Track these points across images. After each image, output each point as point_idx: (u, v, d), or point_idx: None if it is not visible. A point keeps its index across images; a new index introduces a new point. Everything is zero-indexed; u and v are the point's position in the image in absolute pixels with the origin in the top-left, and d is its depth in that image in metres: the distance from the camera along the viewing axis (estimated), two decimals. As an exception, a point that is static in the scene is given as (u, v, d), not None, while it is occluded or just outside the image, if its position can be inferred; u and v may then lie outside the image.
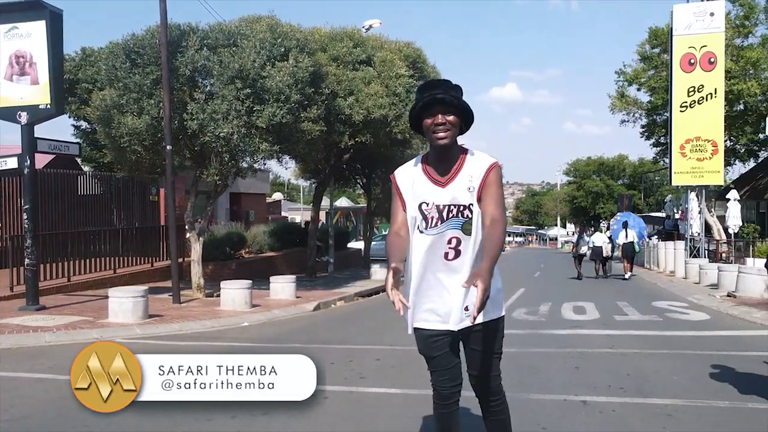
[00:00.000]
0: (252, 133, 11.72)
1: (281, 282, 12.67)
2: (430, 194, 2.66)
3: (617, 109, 27.67)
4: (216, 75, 11.56)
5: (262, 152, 12.02)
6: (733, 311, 9.97)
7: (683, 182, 20.80)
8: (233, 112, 11.39)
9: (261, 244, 19.50)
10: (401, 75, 15.58)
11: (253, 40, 12.03)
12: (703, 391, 5.19)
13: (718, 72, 20.04)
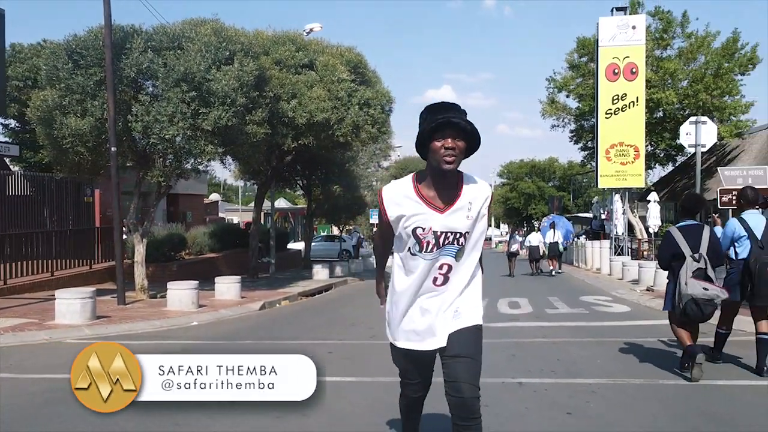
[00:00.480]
0: (197, 135, 11.88)
1: (226, 282, 12.87)
2: (427, 219, 2.59)
3: (548, 114, 29.02)
4: (161, 77, 11.65)
5: (207, 154, 12.21)
6: (650, 303, 10.92)
7: (608, 185, 22.11)
8: (179, 114, 11.51)
9: (201, 245, 19.50)
10: (343, 79, 16.00)
11: (198, 44, 12.19)
12: (622, 371, 5.87)
13: (639, 82, 21.44)
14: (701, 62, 24.97)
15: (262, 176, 19.37)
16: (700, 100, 23.94)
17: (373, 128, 16.74)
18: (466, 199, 2.60)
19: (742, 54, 24.53)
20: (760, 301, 5.49)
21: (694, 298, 5.23)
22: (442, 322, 2.67)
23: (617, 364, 6.22)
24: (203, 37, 12.45)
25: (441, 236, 2.60)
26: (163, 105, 11.52)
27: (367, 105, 16.46)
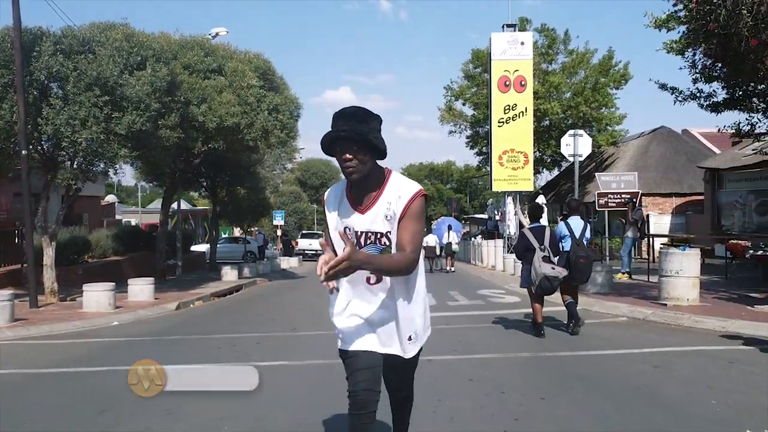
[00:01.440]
0: (110, 139, 12.06)
1: (140, 284, 13.10)
2: (351, 219, 2.63)
3: (446, 121, 30.71)
4: (72, 81, 11.72)
5: (120, 158, 12.43)
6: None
7: (501, 188, 23.90)
8: (91, 118, 11.66)
9: (105, 248, 19.26)
10: (252, 85, 16.48)
11: (109, 48, 12.36)
12: (512, 348, 6.99)
13: (528, 94, 23.36)
14: (581, 77, 27.45)
15: (168, 178, 19.44)
16: (581, 111, 26.35)
17: (282, 133, 17.36)
18: (386, 199, 2.57)
19: (617, 70, 27.24)
20: (573, 281, 7.83)
21: (546, 276, 7.37)
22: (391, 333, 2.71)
23: (509, 343, 7.35)
24: (114, 42, 12.63)
25: (362, 236, 2.61)
26: (75, 109, 11.61)
27: (276, 110, 17.05)
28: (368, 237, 2.62)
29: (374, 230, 2.61)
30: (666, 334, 7.66)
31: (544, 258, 7.49)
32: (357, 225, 2.63)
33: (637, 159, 25.85)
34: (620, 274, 13.96)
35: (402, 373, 2.91)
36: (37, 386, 5.71)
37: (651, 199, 23.85)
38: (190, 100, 15.09)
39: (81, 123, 11.61)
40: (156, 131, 12.93)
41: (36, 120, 11.63)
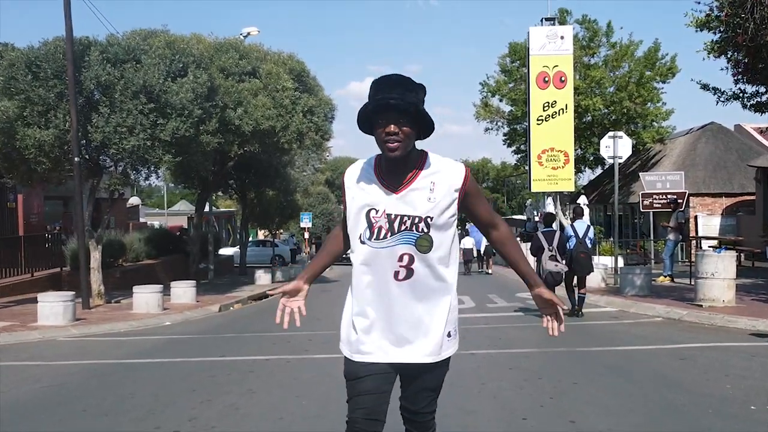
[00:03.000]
0: (155, 145, 13.43)
1: (182, 287, 14.50)
2: (381, 200, 2.41)
3: (482, 117, 31.76)
4: (119, 90, 13.12)
5: (165, 163, 13.80)
6: (576, 297, 13.47)
7: (541, 189, 24.84)
8: (138, 125, 13.05)
9: (138, 251, 20.76)
10: (287, 88, 17.84)
11: (152, 56, 13.76)
12: (550, 344, 8.10)
13: (568, 90, 24.25)
14: (625, 70, 28.28)
15: (200, 181, 20.91)
16: (624, 107, 27.19)
17: (317, 135, 18.69)
18: (428, 178, 2.41)
19: (663, 63, 28.01)
20: (577, 272, 10.71)
21: (550, 272, 10.26)
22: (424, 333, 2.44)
23: (546, 340, 8.45)
24: (157, 50, 14.03)
25: (395, 220, 2.38)
26: (122, 116, 13.01)
27: (311, 113, 18.38)
28: (403, 222, 2.38)
29: (411, 213, 2.38)
30: (698, 332, 8.69)
31: (551, 257, 10.28)
32: (390, 206, 2.40)
33: (684, 157, 26.58)
34: (662, 278, 14.90)
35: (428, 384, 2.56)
36: (126, 373, 7.01)
37: (699, 200, 24.58)
38: (227, 104, 16.45)
39: (128, 130, 13.02)
40: (197, 137, 14.29)
41: (86, 128, 13.06)
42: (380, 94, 2.37)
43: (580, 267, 10.71)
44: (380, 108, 2.35)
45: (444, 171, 2.45)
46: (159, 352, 8.35)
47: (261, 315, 12.96)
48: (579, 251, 10.65)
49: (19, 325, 10.35)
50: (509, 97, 30.19)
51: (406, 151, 2.38)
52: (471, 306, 12.67)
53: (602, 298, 12.55)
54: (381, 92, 2.37)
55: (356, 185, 2.49)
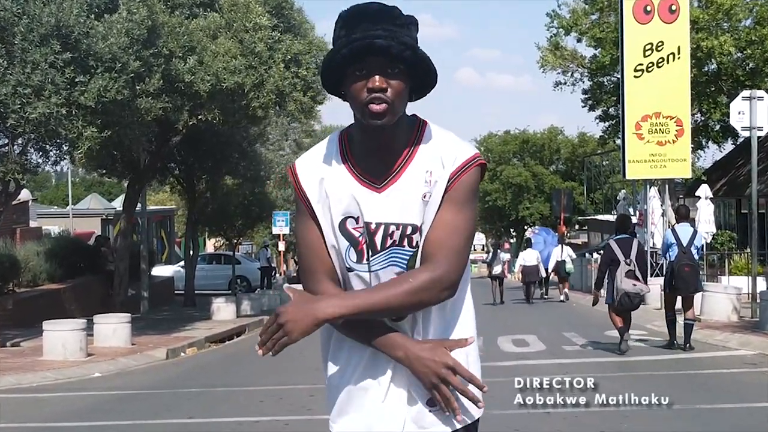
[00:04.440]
0: (73, 113, 14.14)
1: (110, 323, 15.27)
2: (359, 204, 2.42)
3: (550, 65, 32.43)
4: (21, 33, 13.84)
5: (86, 140, 14.49)
6: (695, 335, 14.05)
7: (640, 174, 25.45)
8: (49, 85, 13.76)
9: (36, 271, 21.52)
10: (262, 26, 18.49)
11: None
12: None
13: (682, 23, 24.84)
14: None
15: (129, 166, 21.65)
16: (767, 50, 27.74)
17: (305, 96, 19.41)
18: (422, 166, 2.42)
19: (827, -16, 28.56)
20: (679, 291, 11.87)
21: (626, 292, 11.26)
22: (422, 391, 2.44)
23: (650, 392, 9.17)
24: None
25: (378, 231, 2.42)
26: (26, 71, 13.73)
27: (296, 62, 19.10)
28: (389, 234, 2.41)
29: (402, 221, 2.41)
30: None
31: (628, 272, 11.42)
32: (370, 213, 2.41)
33: None
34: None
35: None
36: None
37: None
38: (174, 51, 17.09)
39: (34, 92, 13.72)
40: (133, 101, 15.00)
41: (-29, 88, 13.80)
42: (357, 31, 2.32)
43: (685, 284, 11.83)
44: (359, 52, 2.29)
45: (447, 153, 2.44)
46: (100, 414, 9.06)
47: (231, 363, 13.71)
48: (683, 263, 11.75)
49: None
50: (592, 35, 30.76)
51: (395, 118, 2.35)
52: (541, 349, 13.37)
53: (734, 337, 13.24)
54: (357, 29, 2.33)
55: (318, 183, 2.47)
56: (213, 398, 10.00)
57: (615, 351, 12.09)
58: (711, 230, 24.85)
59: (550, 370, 11.21)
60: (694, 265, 12.02)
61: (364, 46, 2.27)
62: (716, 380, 10.00)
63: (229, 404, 9.43)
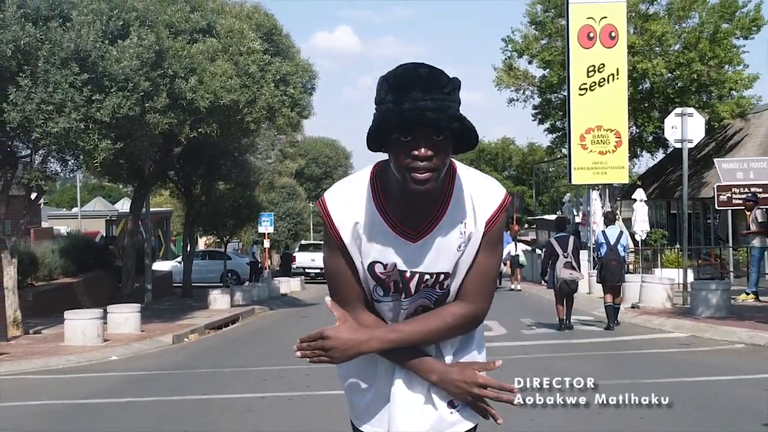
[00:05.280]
0: (90, 127, 14.27)
1: (123, 313, 15.40)
2: (392, 251, 2.34)
3: (505, 84, 32.83)
4: (44, 56, 13.95)
5: (102, 151, 14.61)
6: (635, 320, 14.52)
7: (584, 180, 25.88)
8: (69, 103, 13.88)
9: (51, 267, 21.57)
10: (254, 50, 18.73)
11: (85, 12, 14.61)
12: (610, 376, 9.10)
13: (620, 49, 25.32)
14: (695, 23, 29.44)
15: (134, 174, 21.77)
16: (694, 72, 28.33)
17: (293, 111, 19.63)
18: (457, 216, 2.31)
19: (744, 13, 29.15)
20: (609, 281, 13.54)
21: (564, 280, 13.01)
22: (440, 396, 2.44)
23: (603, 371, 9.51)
24: (90, 4, 14.87)
25: (412, 279, 2.36)
26: (49, 91, 13.83)
27: (284, 82, 19.33)
28: (423, 281, 2.35)
29: (436, 271, 2.34)
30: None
31: (566, 264, 13.04)
32: (405, 260, 2.33)
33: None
34: (744, 295, 15.99)
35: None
36: (95, 415, 7.94)
37: (793, 194, 25.74)
38: (177, 72, 17.28)
39: (56, 109, 13.84)
40: (143, 116, 15.15)
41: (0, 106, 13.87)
42: (405, 98, 2.14)
43: (612, 275, 13.49)
44: (409, 123, 2.13)
45: (480, 198, 2.32)
46: (123, 392, 9.26)
47: (232, 347, 13.91)
48: (610, 258, 13.50)
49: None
50: (541, 57, 31.22)
51: (438, 182, 2.21)
52: (502, 333, 13.67)
53: (669, 321, 13.62)
54: (407, 98, 2.14)
55: (352, 226, 2.33)
56: (222, 377, 10.22)
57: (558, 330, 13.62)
58: (645, 228, 25.34)
59: (513, 351, 11.51)
60: (619, 260, 13.62)
61: (414, 118, 2.11)
62: (656, 358, 10.39)
63: (237, 382, 9.65)
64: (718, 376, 8.88)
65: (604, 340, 12.45)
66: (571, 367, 9.89)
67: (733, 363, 9.82)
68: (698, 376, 8.96)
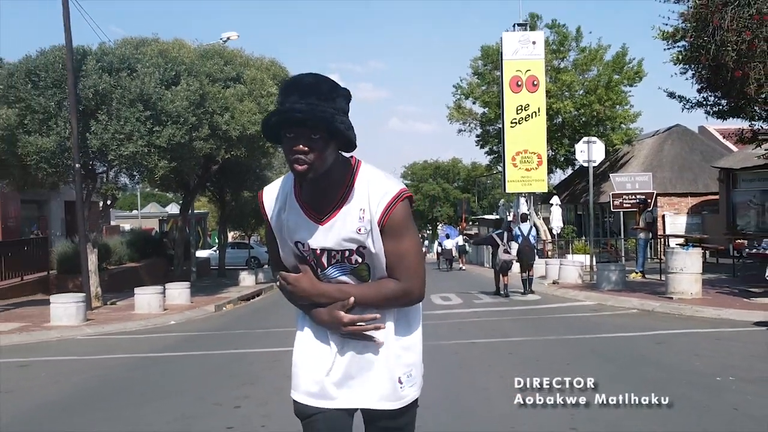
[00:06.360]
0: (152, 151, 14.17)
1: (177, 288, 15.27)
2: (305, 231, 2.19)
3: (455, 119, 32.96)
4: (117, 98, 13.83)
5: (160, 169, 14.51)
6: (556, 293, 14.61)
7: (515, 189, 26.11)
8: (136, 133, 13.77)
9: (121, 254, 21.38)
10: (272, 93, 18.63)
11: (147, 65, 14.50)
12: (540, 333, 9.18)
13: (540, 93, 25.58)
14: (594, 74, 29.73)
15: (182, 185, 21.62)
16: (594, 110, 28.61)
17: (301, 139, 19.51)
18: (358, 204, 2.14)
19: (630, 68, 29.51)
20: (524, 261, 14.84)
21: (504, 261, 14.37)
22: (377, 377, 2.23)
23: (536, 329, 9.56)
24: (150, 59, 14.77)
25: (322, 255, 2.20)
26: (120, 124, 13.72)
27: (295, 117, 19.20)
28: (332, 256, 2.20)
29: (340, 248, 2.18)
30: (670, 321, 9.86)
31: (504, 251, 14.43)
32: (314, 240, 2.19)
33: (651, 158, 28.09)
34: (634, 273, 16.15)
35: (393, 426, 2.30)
36: (162, 365, 7.88)
37: (666, 199, 26.07)
38: (215, 110, 17.20)
39: (126, 137, 13.73)
40: (191, 143, 15.05)
41: (84, 135, 13.73)
42: (287, 102, 2.03)
43: (526, 256, 14.84)
44: (284, 121, 2.03)
45: (374, 194, 2.14)
46: (182, 347, 9.19)
47: (259, 313, 13.87)
48: (524, 245, 14.80)
49: (33, 326, 11.06)
50: (482, 99, 31.43)
51: (319, 172, 2.06)
52: (459, 302, 13.73)
53: (581, 293, 13.72)
54: (288, 99, 2.04)
55: (275, 212, 2.24)
56: (254, 336, 10.18)
57: (498, 296, 14.59)
58: (560, 225, 25.52)
59: (469, 315, 11.57)
60: (531, 246, 15.04)
61: (285, 118, 2.02)
62: (573, 320, 10.45)
63: (265, 340, 9.60)
64: (620, 333, 8.96)
65: (535, 307, 12.51)
66: (512, 327, 9.94)
67: (630, 323, 9.92)
68: (605, 333, 9.04)
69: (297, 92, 2.03)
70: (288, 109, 2.00)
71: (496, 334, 9.21)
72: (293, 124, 2.00)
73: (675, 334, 8.73)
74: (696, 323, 9.53)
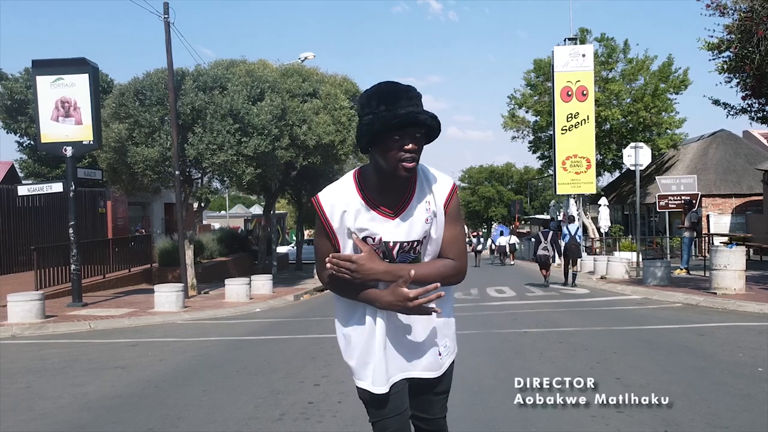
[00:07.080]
0: (240, 159, 14.65)
1: (261, 280, 15.68)
2: (376, 227, 2.19)
3: (509, 127, 32.60)
4: (210, 113, 14.37)
5: (247, 175, 14.98)
6: (604, 287, 14.37)
7: (565, 191, 25.65)
8: (226, 143, 14.27)
9: (212, 250, 22.10)
10: (344, 107, 18.92)
11: (236, 84, 14.99)
12: (589, 323, 9.08)
13: (589, 102, 25.05)
14: (641, 83, 28.89)
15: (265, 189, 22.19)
16: (640, 117, 27.82)
17: (369, 147, 19.74)
18: (423, 197, 2.20)
19: (676, 77, 28.55)
20: (569, 257, 15.21)
21: (540, 255, 15.40)
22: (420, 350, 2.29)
23: (585, 320, 9.45)
24: (239, 78, 15.26)
25: (395, 247, 2.20)
26: (213, 136, 14.25)
27: (364, 128, 19.43)
28: (402, 248, 2.21)
29: (410, 239, 2.20)
30: (713, 315, 9.59)
31: (543, 248, 15.30)
32: (387, 233, 2.19)
33: (696, 161, 27.15)
34: (679, 270, 15.69)
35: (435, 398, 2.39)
36: (252, 347, 8.18)
37: (711, 200, 25.17)
38: (294, 122, 17.61)
39: (218, 147, 14.24)
40: (273, 152, 15.47)
41: (182, 146, 14.32)
42: (396, 106, 2.05)
43: (572, 254, 15.17)
44: (406, 123, 2.04)
45: (438, 185, 2.23)
46: (268, 332, 9.52)
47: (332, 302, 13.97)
48: (571, 243, 15.09)
49: (140, 311, 11.62)
50: (534, 108, 30.98)
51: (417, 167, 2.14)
52: (513, 295, 13.66)
53: (627, 288, 13.44)
54: (395, 105, 2.05)
55: (340, 214, 2.20)
56: (329, 322, 10.30)
57: (543, 287, 15.07)
58: (608, 224, 24.94)
59: (522, 307, 11.50)
60: (577, 244, 15.25)
61: (410, 120, 2.04)
62: (621, 312, 10.26)
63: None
64: (665, 325, 8.78)
65: (583, 300, 12.35)
66: (562, 318, 9.86)
67: (675, 316, 9.70)
68: (650, 325, 8.87)
69: (404, 98, 2.08)
70: (411, 113, 2.04)
71: (547, 324, 9.16)
72: (416, 125, 2.05)
73: (718, 327, 8.49)
74: (739, 317, 9.23)
